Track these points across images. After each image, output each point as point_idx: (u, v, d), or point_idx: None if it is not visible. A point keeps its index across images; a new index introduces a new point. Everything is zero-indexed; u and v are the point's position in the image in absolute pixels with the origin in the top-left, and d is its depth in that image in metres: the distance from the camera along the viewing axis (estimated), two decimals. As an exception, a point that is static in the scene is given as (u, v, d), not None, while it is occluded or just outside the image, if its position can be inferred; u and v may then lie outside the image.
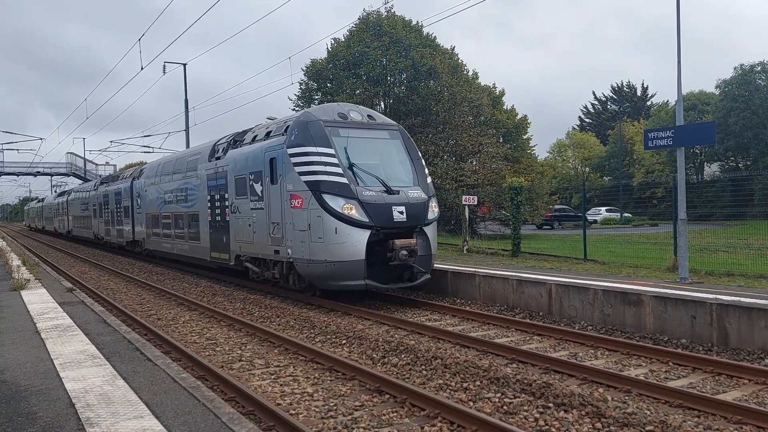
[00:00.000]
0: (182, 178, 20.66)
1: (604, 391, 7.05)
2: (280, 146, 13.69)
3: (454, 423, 6.26)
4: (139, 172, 27.28)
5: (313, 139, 12.94)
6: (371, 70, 35.17)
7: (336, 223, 12.27)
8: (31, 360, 7.90)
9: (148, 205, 24.93)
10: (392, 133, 14.35)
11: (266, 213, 14.26)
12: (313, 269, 12.79)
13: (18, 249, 34.55)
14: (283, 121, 14.86)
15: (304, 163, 12.85)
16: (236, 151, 16.44)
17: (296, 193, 12.94)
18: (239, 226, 15.95)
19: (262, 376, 8.25)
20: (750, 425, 5.98)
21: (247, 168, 15.35)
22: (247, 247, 15.61)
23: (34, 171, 62.09)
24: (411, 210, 12.87)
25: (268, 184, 14.11)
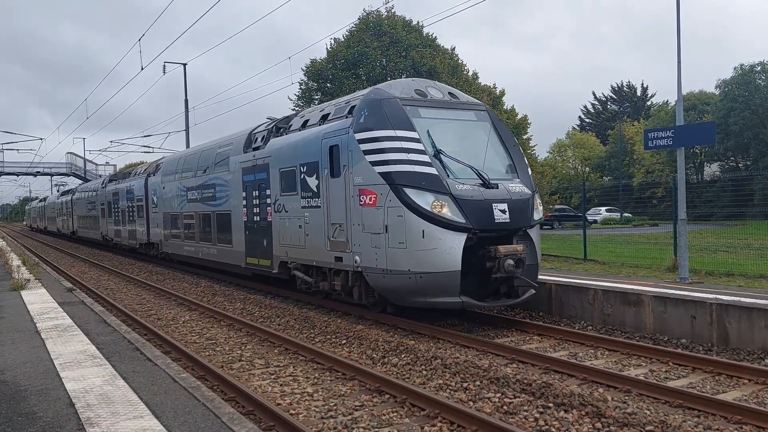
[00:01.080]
0: (209, 172, 18.21)
1: (604, 391, 7.05)
2: (343, 131, 11.33)
3: (454, 423, 6.26)
4: (155, 168, 24.83)
5: (389, 121, 10.63)
6: (371, 70, 35.16)
7: (423, 225, 9.91)
8: (31, 360, 7.90)
9: (166, 203, 22.41)
10: (479, 114, 11.94)
11: (324, 212, 11.96)
12: (391, 282, 10.38)
13: (18, 249, 34.55)
14: (344, 101, 12.56)
15: (378, 150, 10.52)
16: (281, 139, 14.08)
17: (367, 188, 10.62)
18: (286, 227, 13.54)
19: (262, 376, 8.25)
20: (750, 425, 5.98)
21: (296, 159, 12.98)
22: (297, 252, 13.17)
23: (34, 171, 62.09)
24: (514, 208, 10.46)
25: (327, 177, 11.78)
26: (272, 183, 14.13)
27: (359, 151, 10.80)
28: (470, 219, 10.02)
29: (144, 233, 25.41)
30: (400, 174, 10.20)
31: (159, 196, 23.25)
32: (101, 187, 34.40)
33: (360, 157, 10.78)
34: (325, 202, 11.90)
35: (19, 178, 71.70)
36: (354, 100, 11.91)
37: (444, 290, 9.98)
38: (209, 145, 19.44)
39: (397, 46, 35.22)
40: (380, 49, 35.09)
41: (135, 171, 29.50)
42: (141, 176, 26.37)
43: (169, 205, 22.14)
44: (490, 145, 11.57)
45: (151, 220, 24.56)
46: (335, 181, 11.55)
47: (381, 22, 36.64)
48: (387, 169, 10.32)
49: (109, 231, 32.29)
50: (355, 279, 11.52)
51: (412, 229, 9.98)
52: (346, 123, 11.36)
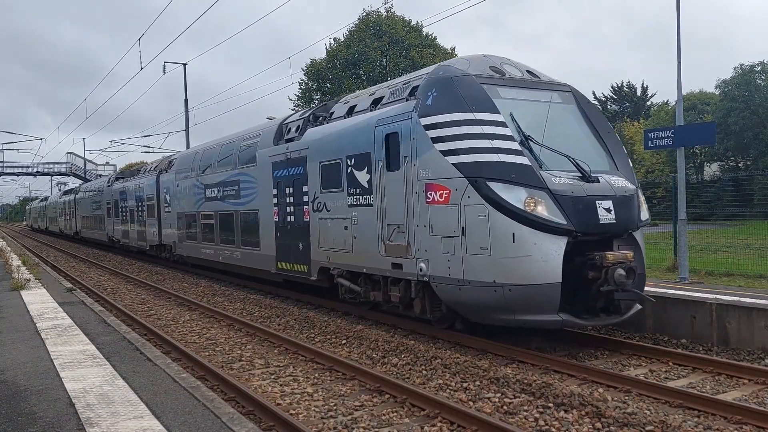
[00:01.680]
0: (232, 168, 16.51)
1: (604, 391, 7.05)
2: (403, 116, 9.79)
3: (454, 423, 6.26)
4: (167, 164, 23.19)
5: (465, 102, 9.02)
6: (371, 70, 35.18)
7: (513, 227, 8.26)
8: (31, 360, 7.90)
9: (180, 202, 20.78)
10: (564, 95, 10.30)
11: (377, 211, 10.42)
12: (469, 295, 8.77)
13: (18, 249, 34.55)
14: (401, 82, 10.88)
15: (452, 137, 8.90)
16: (320, 129, 12.50)
17: (437, 182, 9.02)
18: (327, 229, 11.99)
19: (262, 376, 8.25)
20: (750, 425, 5.98)
21: (340, 150, 11.41)
22: (341, 257, 11.61)
23: (34, 171, 62.06)
24: (620, 206, 8.85)
25: (382, 170, 10.23)
26: (310, 178, 12.55)
27: (426, 139, 9.20)
28: (572, 219, 8.37)
29: (155, 234, 23.83)
30: (483, 165, 8.54)
31: (172, 194, 21.66)
32: (107, 186, 32.86)
33: (427, 146, 9.20)
34: (379, 199, 10.35)
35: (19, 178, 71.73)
36: (415, 80, 10.33)
37: (539, 306, 8.31)
38: (230, 138, 17.72)
39: (397, 46, 35.25)
40: (380, 49, 35.12)
41: (144, 168, 27.81)
42: (152, 173, 24.75)
43: (184, 204, 20.54)
44: (580, 131, 9.95)
45: (163, 221, 23.00)
46: (393, 175, 9.98)
47: (381, 22, 36.67)
48: (464, 160, 8.68)
49: (115, 232, 30.89)
50: (418, 290, 9.88)
51: (499, 231, 8.34)
52: (407, 107, 9.79)
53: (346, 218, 11.36)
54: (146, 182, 25.03)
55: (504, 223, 8.31)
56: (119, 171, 35.61)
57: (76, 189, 46.47)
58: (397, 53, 35.14)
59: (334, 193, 11.81)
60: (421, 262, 9.49)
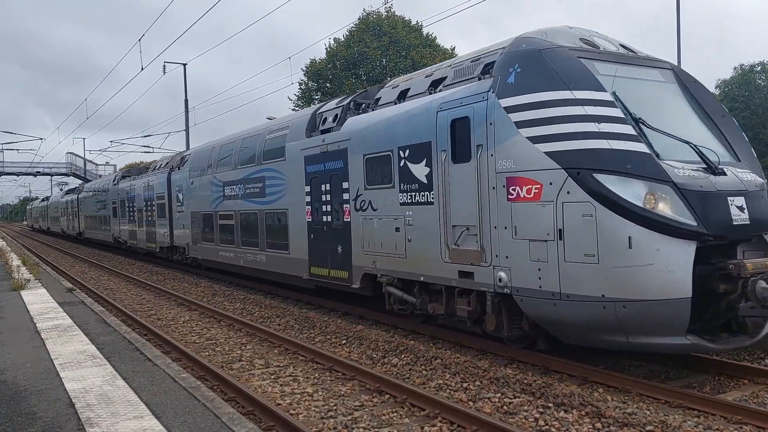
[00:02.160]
0: (256, 163, 15.09)
1: (604, 392, 7.05)
2: (476, 97, 8.36)
3: (454, 423, 6.26)
4: (179, 161, 21.80)
5: (561, 78, 7.64)
6: (371, 70, 35.18)
7: (630, 228, 6.87)
8: (31, 360, 7.91)
9: (195, 201, 19.35)
10: (665, 73, 8.86)
11: (439, 210, 9.07)
12: (568, 311, 7.33)
13: (18, 249, 34.56)
14: (469, 59, 9.35)
15: (544, 120, 7.53)
16: (364, 117, 11.14)
17: (523, 175, 7.65)
18: (373, 230, 10.64)
19: (262, 376, 8.25)
20: (750, 425, 5.98)
21: (391, 141, 10.07)
22: (391, 262, 10.24)
23: (34, 171, 62.09)
24: (753, 204, 7.45)
25: (446, 162, 8.86)
26: (352, 173, 11.20)
27: (508, 124, 7.83)
28: (702, 220, 6.96)
29: (166, 235, 22.41)
30: (588, 153, 7.16)
31: (186, 192, 20.24)
32: (112, 185, 31.27)
33: (509, 132, 7.82)
34: (442, 196, 8.97)
35: (19, 178, 71.81)
36: (488, 55, 8.86)
37: (662, 327, 6.93)
38: (252, 131, 16.30)
39: (397, 46, 35.26)
40: (380, 49, 35.12)
41: (154, 166, 26.27)
42: (162, 171, 23.34)
43: (199, 203, 19.05)
44: (690, 114, 8.51)
45: (175, 221, 21.61)
46: (461, 167, 8.61)
47: (381, 22, 36.67)
48: (561, 147, 7.30)
49: (121, 232, 29.36)
50: (495, 303, 8.40)
51: (611, 234, 6.92)
52: (481, 86, 8.40)
53: (398, 218, 10.03)
54: (156, 180, 23.57)
55: (617, 224, 6.88)
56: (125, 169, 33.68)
57: (79, 188, 45.27)
58: (397, 53, 35.15)
59: (382, 190, 10.43)
60: (501, 270, 8.05)
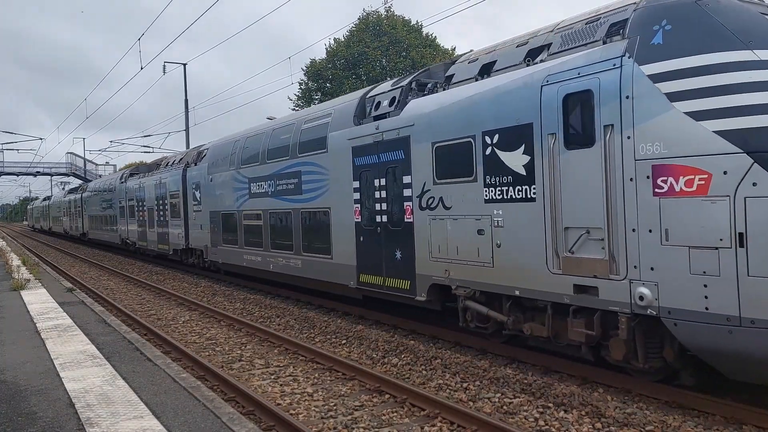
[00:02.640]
0: (289, 157, 13.51)
1: (604, 392, 7.05)
2: (604, 65, 6.84)
3: (454, 423, 6.27)
4: (195, 156, 20.19)
5: (734, 34, 6.27)
6: (371, 70, 35.19)
7: None
8: (31, 360, 7.91)
9: (215, 199, 17.72)
10: None
11: (544, 207, 7.49)
12: (753, 343, 5.84)
13: (18, 249, 34.57)
14: (583, 20, 7.78)
15: (713, 89, 6.11)
16: (433, 99, 9.53)
17: (681, 162, 6.19)
18: (446, 232, 9.04)
19: (262, 376, 8.25)
20: (750, 425, 5.98)
21: (473, 125, 8.42)
22: (472, 272, 8.60)
23: (34, 171, 62.04)
24: None
25: (555, 149, 7.30)
26: (416, 165, 9.63)
27: (655, 96, 6.39)
28: None
29: (180, 237, 20.83)
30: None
31: (204, 190, 18.58)
32: (120, 183, 29.55)
33: (658, 107, 6.38)
34: (550, 190, 7.38)
35: (19, 178, 71.78)
36: (611, 14, 7.32)
37: None
38: (284, 121, 14.86)
39: (396, 46, 35.26)
40: (380, 49, 35.14)
41: (166, 162, 24.69)
42: (176, 167, 21.71)
43: (219, 201, 17.42)
44: None
45: (191, 221, 19.97)
46: (579, 154, 7.05)
47: (381, 22, 36.68)
48: (742, 124, 5.91)
49: (130, 233, 27.71)
50: (630, 327, 6.70)
51: None
52: (611, 50, 6.84)
53: (482, 218, 8.41)
54: (170, 177, 21.88)
55: None
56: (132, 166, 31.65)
57: (82, 187, 43.83)
58: (397, 53, 35.17)
59: (459, 185, 8.81)
60: (642, 285, 6.52)
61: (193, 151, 21.35)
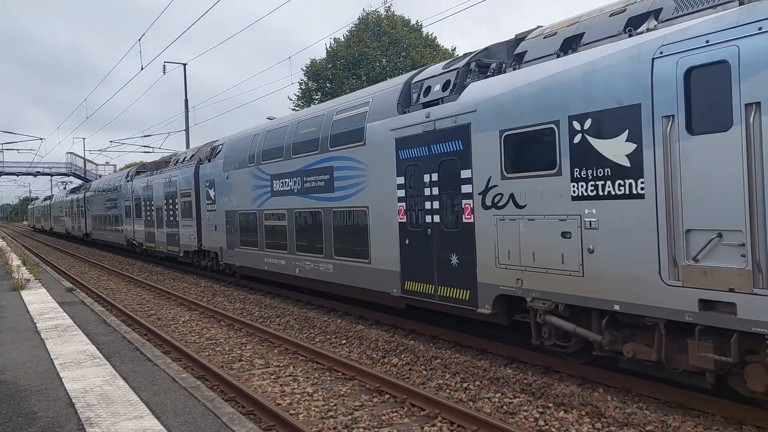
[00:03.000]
0: (318, 151, 12.31)
1: (604, 392, 7.05)
2: (746, 29, 5.72)
3: (454, 423, 6.27)
4: (209, 152, 18.90)
5: None
6: (371, 70, 35.19)
7: None
8: (31, 360, 7.91)
9: (231, 198, 16.47)
10: None
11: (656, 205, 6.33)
12: None
13: (18, 249, 34.57)
14: None
15: None
16: (499, 80, 8.30)
17: None
18: (518, 234, 7.85)
19: (262, 376, 8.25)
20: (750, 425, 5.98)
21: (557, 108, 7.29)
22: (554, 281, 7.42)
23: (34, 171, 62.08)
24: None
25: (674, 133, 6.14)
26: (478, 157, 8.44)
27: None
28: None
29: (192, 238, 19.65)
30: None
31: (219, 188, 17.34)
32: (125, 181, 28.44)
33: None
34: (664, 184, 6.27)
35: (19, 178, 71.81)
36: None
37: None
38: (313, 112, 13.54)
39: (396, 46, 35.26)
40: (380, 49, 35.15)
41: (176, 159, 23.48)
42: (187, 164, 20.59)
43: (237, 200, 16.17)
44: None
45: (204, 221, 18.74)
46: (708, 140, 5.94)
47: (381, 22, 36.69)
48: None
49: (136, 234, 26.61)
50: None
51: None
52: (754, 12, 5.66)
53: (567, 219, 7.23)
54: (180, 175, 20.79)
55: None
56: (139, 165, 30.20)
57: (86, 185, 42.59)
58: (397, 53, 35.18)
59: (536, 179, 7.62)
60: None
61: (206, 147, 19.96)
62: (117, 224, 29.96)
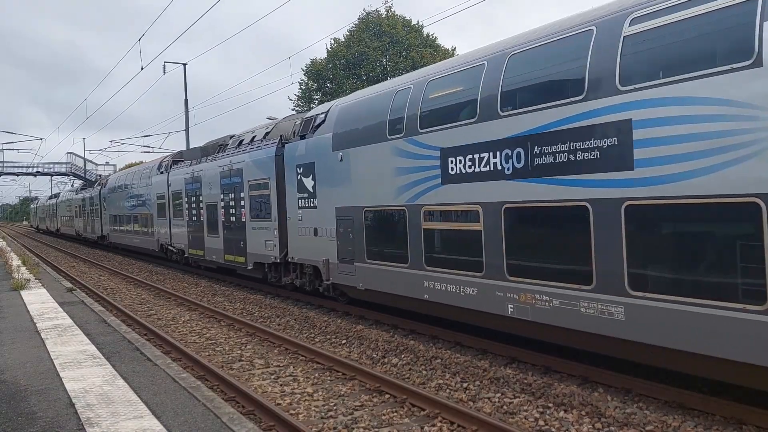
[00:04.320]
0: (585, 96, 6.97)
1: (604, 391, 7.05)
2: None
3: (454, 423, 6.27)
4: (301, 126, 13.53)
5: None
6: (371, 70, 35.20)
7: None
8: (31, 360, 7.91)
9: (353, 188, 11.39)
10: None
11: None
12: None
13: (18, 249, 34.57)
14: None
15: None
16: None
17: None
18: None
19: (262, 376, 8.25)
20: (750, 425, 5.98)
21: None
22: None
23: (34, 171, 62.08)
24: None
25: None
26: None
27: None
28: None
29: (270, 245, 14.44)
30: None
31: (324, 175, 12.19)
32: (157, 173, 23.51)
33: None
34: None
35: (19, 178, 71.81)
36: None
37: None
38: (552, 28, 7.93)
39: (397, 46, 35.27)
40: (380, 49, 35.15)
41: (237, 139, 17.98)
42: (261, 145, 15.07)
43: (361, 191, 11.12)
44: None
45: (293, 222, 13.46)
46: None
47: (381, 22, 36.69)
48: None
49: (174, 238, 21.63)
50: None
51: None
52: None
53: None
54: (249, 160, 15.42)
55: None
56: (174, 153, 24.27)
57: (101, 181, 37.13)
58: (398, 53, 35.18)
59: None
60: None
61: (295, 119, 15.05)
62: (145, 225, 25.06)
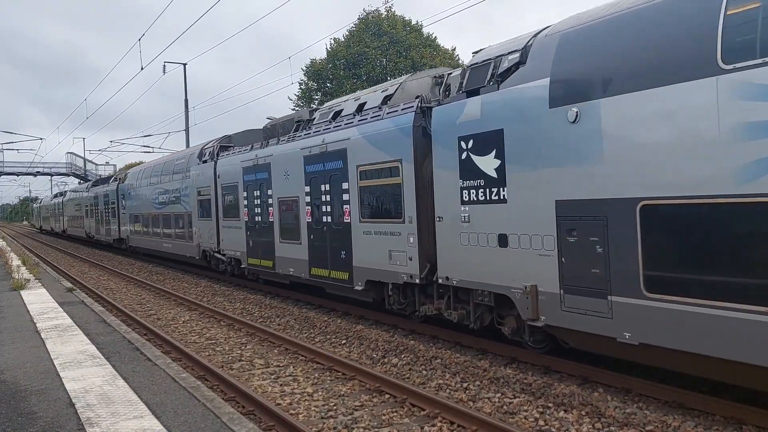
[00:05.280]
0: None
1: (604, 391, 7.05)
2: None
3: (454, 423, 6.27)
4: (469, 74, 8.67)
5: None
6: (371, 70, 35.19)
7: None
8: (31, 360, 7.91)
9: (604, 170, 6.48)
10: None
11: None
12: None
13: (18, 249, 34.57)
14: None
15: None
16: None
17: None
18: None
19: (262, 376, 8.25)
20: (750, 425, 5.98)
21: None
22: None
23: (34, 171, 62.08)
24: None
25: None
26: None
27: None
28: None
29: (403, 258, 9.84)
30: None
31: (521, 151, 7.56)
32: (200, 162, 18.89)
33: None
34: None
35: (19, 178, 71.83)
36: None
37: None
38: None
39: (397, 46, 35.26)
40: (380, 49, 35.15)
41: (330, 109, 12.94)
42: (383, 114, 10.40)
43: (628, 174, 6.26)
44: None
45: (444, 223, 8.97)
46: None
47: (381, 22, 36.68)
48: None
49: (224, 244, 17.15)
50: None
51: None
52: None
53: None
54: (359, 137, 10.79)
55: None
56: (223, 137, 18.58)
57: (119, 175, 31.97)
58: (397, 53, 35.18)
59: None
60: None
61: (437, 73, 10.94)
62: (179, 227, 20.81)
